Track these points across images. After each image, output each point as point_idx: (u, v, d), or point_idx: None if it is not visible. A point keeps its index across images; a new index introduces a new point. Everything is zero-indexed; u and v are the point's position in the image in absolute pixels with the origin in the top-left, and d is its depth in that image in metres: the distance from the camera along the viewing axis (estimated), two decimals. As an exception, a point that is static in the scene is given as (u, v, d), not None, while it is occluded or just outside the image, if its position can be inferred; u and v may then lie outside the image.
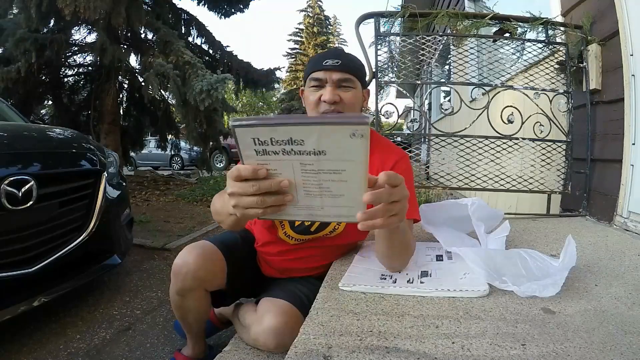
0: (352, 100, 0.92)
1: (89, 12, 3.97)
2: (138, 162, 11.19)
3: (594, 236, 1.29)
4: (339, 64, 0.91)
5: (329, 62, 0.91)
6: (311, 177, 0.53)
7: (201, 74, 4.49)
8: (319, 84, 0.92)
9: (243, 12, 6.62)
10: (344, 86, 0.92)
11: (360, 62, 0.99)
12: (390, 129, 1.96)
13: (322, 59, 0.93)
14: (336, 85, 0.91)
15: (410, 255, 0.91)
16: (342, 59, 0.92)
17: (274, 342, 0.86)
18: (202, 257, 0.96)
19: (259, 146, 0.51)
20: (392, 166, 0.96)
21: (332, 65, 0.91)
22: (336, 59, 0.91)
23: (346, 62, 0.92)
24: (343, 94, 0.91)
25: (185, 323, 1.10)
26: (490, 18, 1.70)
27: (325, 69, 0.91)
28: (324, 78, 0.91)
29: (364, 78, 0.98)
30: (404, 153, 1.02)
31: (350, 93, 0.92)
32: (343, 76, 0.91)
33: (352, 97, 0.92)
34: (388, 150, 1.01)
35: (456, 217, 1.19)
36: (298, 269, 1.06)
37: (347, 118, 0.52)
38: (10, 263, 1.30)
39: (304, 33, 28.65)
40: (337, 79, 0.91)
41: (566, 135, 1.66)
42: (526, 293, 0.79)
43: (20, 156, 1.47)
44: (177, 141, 7.11)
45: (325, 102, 0.90)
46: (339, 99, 0.90)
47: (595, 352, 0.60)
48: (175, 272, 0.97)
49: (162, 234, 2.91)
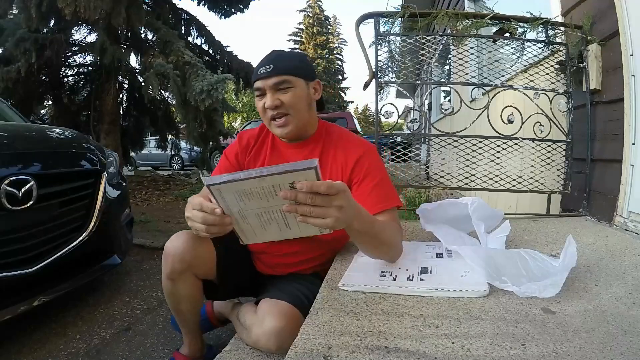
0: (292, 100, 0.96)
1: (89, 12, 3.96)
2: (138, 162, 11.20)
3: (594, 236, 1.29)
4: (272, 70, 0.95)
5: (263, 70, 0.96)
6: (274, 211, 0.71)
7: (201, 74, 4.48)
8: (260, 93, 0.98)
9: (243, 12, 6.62)
10: (282, 89, 0.96)
11: (298, 58, 1.02)
12: (390, 129, 1.97)
13: (258, 68, 0.98)
14: (274, 90, 0.95)
15: (394, 248, 0.94)
16: (274, 63, 0.96)
17: (276, 344, 0.86)
18: (190, 240, 0.98)
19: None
20: (355, 163, 0.99)
21: (266, 73, 0.95)
22: (269, 64, 0.96)
23: (279, 66, 0.96)
24: (283, 96, 0.96)
25: (179, 314, 1.10)
26: (490, 18, 1.70)
27: (260, 77, 0.96)
28: (262, 86, 0.97)
29: (305, 73, 1.00)
30: (369, 146, 1.04)
31: (290, 94, 0.96)
32: (278, 80, 0.95)
33: (292, 97, 0.96)
34: (350, 145, 1.03)
35: (456, 216, 1.19)
36: (287, 263, 1.08)
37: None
38: (10, 263, 1.30)
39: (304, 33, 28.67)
40: (273, 83, 0.95)
41: (566, 135, 1.66)
42: (526, 293, 0.79)
43: (20, 156, 1.47)
44: (177, 141, 7.11)
45: (268, 108, 0.96)
46: (279, 102, 0.95)
47: (595, 352, 0.60)
48: (165, 255, 0.99)
49: (162, 234, 2.91)
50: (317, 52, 28.06)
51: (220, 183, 0.65)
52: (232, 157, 1.10)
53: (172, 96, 5.01)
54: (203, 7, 6.38)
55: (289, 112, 0.97)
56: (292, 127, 0.99)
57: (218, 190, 0.67)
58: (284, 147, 1.08)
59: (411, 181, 1.87)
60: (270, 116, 0.98)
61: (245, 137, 1.12)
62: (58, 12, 4.12)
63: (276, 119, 0.97)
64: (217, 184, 0.65)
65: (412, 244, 1.17)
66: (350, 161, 1.00)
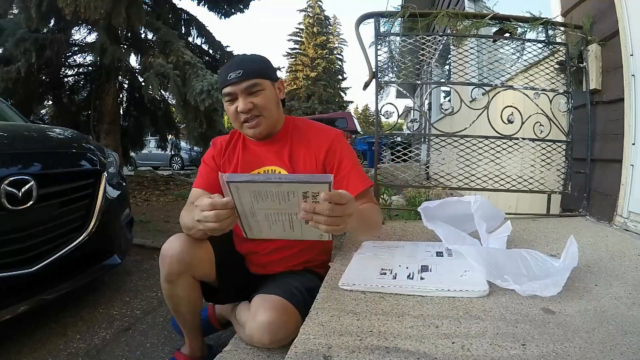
0: (264, 102, 1.00)
1: (89, 12, 3.97)
2: (138, 162, 11.21)
3: (594, 236, 1.29)
4: (242, 74, 0.97)
5: (232, 75, 0.98)
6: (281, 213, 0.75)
7: (201, 74, 4.49)
8: (231, 98, 1.00)
9: (243, 12, 6.62)
10: (253, 92, 0.99)
11: (261, 60, 1.05)
12: (390, 129, 1.97)
13: (226, 73, 0.99)
14: (246, 94, 0.98)
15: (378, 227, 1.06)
16: (243, 68, 0.98)
17: (268, 336, 0.86)
18: (187, 242, 0.99)
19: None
20: (327, 151, 1.04)
21: (237, 78, 0.97)
22: (237, 69, 0.98)
23: (248, 69, 0.98)
24: (254, 99, 0.99)
25: (178, 315, 1.10)
26: (490, 18, 1.70)
27: (231, 83, 0.98)
28: (233, 91, 0.99)
29: (270, 74, 1.04)
30: (336, 132, 1.09)
31: (261, 96, 0.99)
32: (249, 83, 0.98)
33: (263, 99, 1.00)
34: (320, 134, 1.08)
35: (458, 215, 1.19)
36: (277, 260, 1.09)
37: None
38: (10, 263, 1.30)
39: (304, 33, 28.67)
40: (244, 87, 0.98)
41: (566, 135, 1.66)
42: (527, 292, 0.79)
43: (20, 156, 1.47)
44: (177, 141, 7.11)
45: (241, 112, 0.99)
46: (252, 105, 0.99)
47: (595, 352, 0.60)
48: (162, 257, 0.99)
49: (162, 234, 2.91)
50: (317, 52, 28.07)
51: (240, 182, 0.70)
52: (210, 161, 1.13)
53: (172, 96, 5.01)
54: (203, 7, 6.38)
55: (261, 114, 1.01)
56: (263, 127, 1.03)
57: (236, 187, 0.70)
58: (254, 145, 1.10)
59: (411, 181, 1.87)
60: (244, 119, 1.01)
61: (219, 142, 1.16)
62: (58, 12, 4.13)
63: (249, 121, 1.01)
64: (237, 182, 0.70)
65: (412, 243, 1.17)
66: (322, 149, 1.04)
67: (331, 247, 1.24)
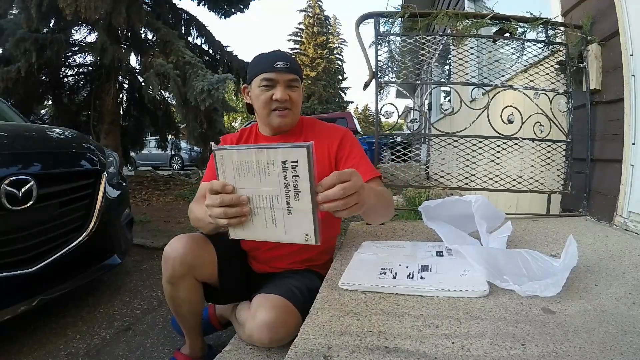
0: (297, 98, 1.05)
1: (89, 12, 3.97)
2: (138, 162, 11.21)
3: (594, 236, 1.29)
4: (289, 67, 1.01)
5: (280, 65, 1.00)
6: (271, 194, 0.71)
7: (201, 74, 4.49)
8: (270, 84, 1.01)
9: (243, 12, 6.63)
10: (292, 86, 1.03)
11: (297, 62, 1.10)
12: (390, 129, 1.97)
13: (272, 60, 1.01)
14: (286, 85, 1.02)
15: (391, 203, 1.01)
16: (289, 62, 1.02)
17: (268, 336, 0.86)
18: (190, 243, 0.99)
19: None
20: (339, 143, 1.07)
21: (284, 68, 1.01)
22: (285, 61, 1.01)
23: (293, 64, 1.03)
24: (292, 93, 1.03)
25: (179, 316, 1.11)
26: (490, 18, 1.70)
27: (277, 70, 1.00)
28: (276, 79, 1.01)
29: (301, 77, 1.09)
30: (344, 130, 1.12)
31: (297, 92, 1.04)
32: (292, 77, 1.02)
33: (298, 97, 1.05)
34: (331, 131, 1.11)
35: (459, 214, 1.19)
36: (280, 256, 1.09)
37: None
38: (10, 263, 1.30)
39: (304, 33, 28.66)
40: (288, 79, 1.02)
41: (566, 135, 1.66)
42: (527, 292, 0.79)
43: (20, 156, 1.47)
44: (177, 141, 7.11)
45: (278, 100, 1.01)
46: (288, 97, 1.02)
47: (595, 352, 0.60)
48: (164, 259, 1.00)
49: (162, 234, 2.91)
50: (317, 52, 28.06)
51: (223, 149, 0.72)
52: None
53: (172, 96, 5.02)
54: (203, 7, 6.39)
55: (292, 108, 1.04)
56: (290, 120, 1.06)
57: (221, 156, 0.72)
58: (267, 140, 1.12)
59: (411, 181, 1.87)
60: (275, 107, 1.02)
61: (229, 138, 1.18)
62: (58, 12, 4.13)
63: (279, 109, 1.02)
64: (221, 149, 0.72)
65: (412, 243, 1.17)
66: (335, 142, 1.07)
67: (334, 246, 1.24)
